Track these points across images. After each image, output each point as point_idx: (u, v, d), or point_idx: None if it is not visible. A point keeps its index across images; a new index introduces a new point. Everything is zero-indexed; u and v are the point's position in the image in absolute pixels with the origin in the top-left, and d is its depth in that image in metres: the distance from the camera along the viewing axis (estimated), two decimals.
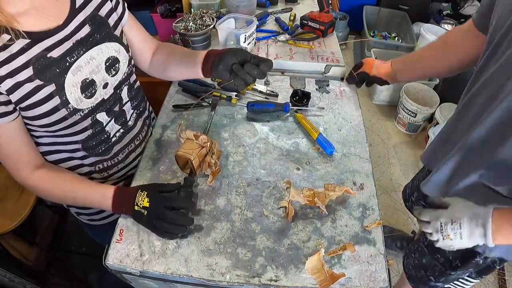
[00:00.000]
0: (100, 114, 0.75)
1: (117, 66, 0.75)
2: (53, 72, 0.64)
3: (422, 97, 2.23)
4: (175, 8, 1.75)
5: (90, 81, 0.70)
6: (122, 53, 0.76)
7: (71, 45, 0.66)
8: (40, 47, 0.62)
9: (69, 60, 0.66)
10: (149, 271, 0.70)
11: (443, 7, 2.90)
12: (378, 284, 0.69)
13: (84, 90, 0.69)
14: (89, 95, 0.70)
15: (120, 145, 0.85)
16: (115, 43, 0.74)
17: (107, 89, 0.75)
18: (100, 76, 0.72)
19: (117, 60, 0.75)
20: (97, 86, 0.72)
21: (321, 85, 1.16)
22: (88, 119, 0.73)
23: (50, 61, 0.63)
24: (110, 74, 0.74)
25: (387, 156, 2.15)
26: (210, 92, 1.08)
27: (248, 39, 1.21)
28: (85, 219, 0.96)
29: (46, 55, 0.63)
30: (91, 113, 0.73)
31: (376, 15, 2.95)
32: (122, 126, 0.82)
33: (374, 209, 0.82)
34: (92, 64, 0.69)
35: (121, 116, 0.81)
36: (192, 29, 1.26)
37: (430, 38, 2.20)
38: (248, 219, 0.78)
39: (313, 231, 0.77)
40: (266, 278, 0.69)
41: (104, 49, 0.71)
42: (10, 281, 1.14)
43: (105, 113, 0.76)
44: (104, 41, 0.71)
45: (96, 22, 0.70)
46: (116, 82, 0.77)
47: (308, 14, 1.37)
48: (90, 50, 0.69)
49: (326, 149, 0.91)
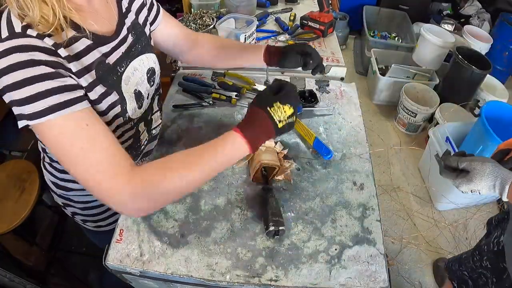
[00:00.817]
0: (141, 124, 0.75)
1: (154, 77, 0.76)
2: (112, 79, 0.61)
3: (422, 97, 2.22)
4: (175, 8, 1.75)
5: (139, 91, 0.69)
6: (157, 64, 0.76)
7: (121, 55, 0.64)
8: (100, 51, 0.59)
9: (119, 69, 0.64)
10: (149, 271, 0.70)
11: (443, 7, 2.90)
12: (378, 284, 0.69)
13: (137, 100, 0.69)
14: (140, 105, 0.70)
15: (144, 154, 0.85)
16: (153, 54, 0.74)
17: (149, 100, 0.75)
18: (144, 87, 0.71)
19: (155, 71, 0.75)
20: (144, 97, 0.71)
21: (321, 85, 1.16)
22: (134, 129, 0.72)
23: (108, 67, 0.61)
24: (150, 85, 0.74)
25: (387, 156, 2.14)
26: (210, 92, 1.08)
27: (248, 39, 1.21)
28: (91, 226, 0.93)
29: (104, 61, 0.60)
30: (137, 123, 0.72)
31: (376, 15, 2.95)
32: (148, 134, 0.82)
33: (374, 209, 0.82)
34: (136, 75, 0.68)
35: (150, 125, 0.81)
36: (192, 29, 1.26)
37: (430, 38, 2.20)
38: (248, 219, 0.78)
39: (313, 231, 0.77)
40: (266, 278, 0.69)
41: (144, 60, 0.71)
42: (10, 281, 1.14)
43: (143, 123, 0.76)
44: (145, 52, 0.71)
45: (137, 31, 0.69)
46: (152, 93, 0.77)
47: (308, 14, 1.37)
48: (133, 61, 0.68)
49: (323, 156, 0.90)
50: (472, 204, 1.84)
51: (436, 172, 1.85)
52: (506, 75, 2.59)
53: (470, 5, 2.79)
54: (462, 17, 2.82)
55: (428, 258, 1.64)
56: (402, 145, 2.23)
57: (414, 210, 1.84)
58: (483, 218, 1.80)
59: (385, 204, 1.86)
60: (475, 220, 1.79)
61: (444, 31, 2.39)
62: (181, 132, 0.98)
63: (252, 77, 1.16)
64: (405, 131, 2.29)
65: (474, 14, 2.78)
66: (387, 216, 1.81)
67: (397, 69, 2.33)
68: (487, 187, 0.66)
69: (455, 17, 2.81)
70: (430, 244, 1.68)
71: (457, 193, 1.63)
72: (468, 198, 1.73)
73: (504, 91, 2.21)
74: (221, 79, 1.14)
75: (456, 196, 1.68)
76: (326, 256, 0.73)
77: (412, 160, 2.12)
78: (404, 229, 1.76)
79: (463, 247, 1.67)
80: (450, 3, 2.89)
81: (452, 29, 2.65)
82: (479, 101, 2.16)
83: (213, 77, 1.17)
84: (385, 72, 2.39)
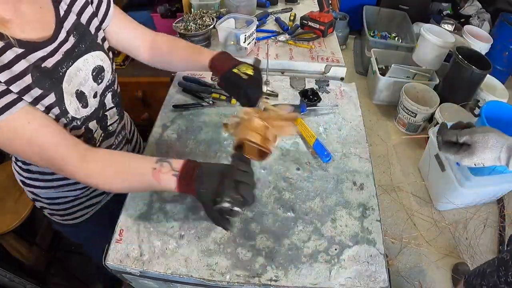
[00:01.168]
0: (91, 123, 0.76)
1: (102, 75, 0.76)
2: (50, 81, 0.63)
3: (422, 97, 2.22)
4: (175, 8, 1.75)
5: (81, 92, 0.70)
6: (106, 61, 0.77)
7: (61, 57, 0.66)
8: (34, 57, 0.61)
9: (61, 70, 0.66)
10: (149, 271, 0.70)
11: (443, 7, 2.90)
12: (378, 284, 0.69)
13: (79, 100, 0.70)
14: (84, 105, 0.71)
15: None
16: (99, 52, 0.74)
17: (97, 98, 0.76)
18: (88, 86, 0.72)
19: (103, 68, 0.76)
20: (88, 96, 0.72)
21: (321, 85, 1.16)
22: (82, 128, 0.73)
23: (45, 71, 0.62)
24: (97, 83, 0.75)
25: (387, 156, 2.14)
26: (210, 92, 1.08)
27: (248, 39, 1.20)
28: (58, 219, 0.96)
29: (41, 65, 0.62)
30: (85, 122, 0.73)
31: (376, 15, 2.95)
32: (103, 131, 0.83)
33: (374, 209, 0.82)
34: (80, 75, 0.70)
35: (103, 121, 0.82)
36: (192, 29, 1.26)
37: (430, 38, 2.20)
38: (248, 219, 0.78)
39: (313, 231, 0.77)
40: (266, 278, 0.69)
41: (90, 59, 0.72)
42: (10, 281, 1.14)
43: (95, 121, 0.77)
44: (90, 50, 0.72)
45: (79, 32, 0.70)
46: (101, 90, 0.78)
47: (308, 14, 1.37)
48: (77, 62, 0.69)
49: (322, 158, 0.91)
50: (472, 204, 1.84)
51: (436, 172, 1.85)
52: (506, 75, 2.59)
53: (470, 5, 2.79)
54: (462, 17, 2.81)
55: (428, 258, 1.64)
56: (402, 145, 2.23)
57: (414, 210, 1.84)
58: (483, 218, 1.80)
59: (385, 204, 1.86)
60: (475, 220, 1.79)
61: (444, 31, 2.39)
62: (181, 132, 0.98)
63: None
64: (405, 131, 2.29)
65: (474, 14, 2.78)
66: (387, 216, 1.81)
67: (397, 69, 2.33)
68: (491, 159, 0.62)
69: (455, 17, 2.80)
70: (430, 244, 1.68)
71: (457, 193, 1.63)
72: (468, 198, 1.73)
73: (504, 91, 2.21)
74: None
75: (456, 196, 1.68)
76: (326, 256, 0.73)
77: (412, 160, 2.12)
78: (404, 229, 1.75)
79: (463, 247, 1.67)
80: (450, 3, 2.89)
81: (452, 29, 2.64)
82: (479, 101, 2.16)
83: (213, 77, 1.17)
84: (385, 72, 2.39)
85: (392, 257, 1.65)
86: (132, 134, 1.04)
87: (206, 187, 0.60)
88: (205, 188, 0.60)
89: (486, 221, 1.79)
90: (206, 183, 0.60)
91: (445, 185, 1.69)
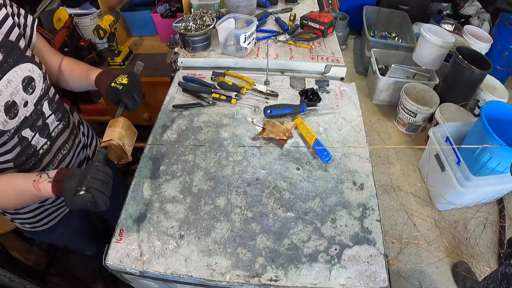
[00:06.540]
0: (24, 131, 0.78)
1: (33, 84, 0.79)
2: None
3: (422, 97, 2.23)
4: (175, 8, 1.75)
5: (11, 103, 0.73)
6: (36, 71, 0.79)
7: None
8: None
9: None
10: (149, 271, 0.70)
11: (443, 7, 2.90)
12: (378, 284, 0.69)
13: (8, 112, 0.72)
14: (12, 116, 0.74)
15: (49, 157, 0.87)
16: (28, 63, 0.77)
17: (28, 107, 0.78)
18: (19, 96, 0.75)
19: (32, 78, 0.78)
20: (18, 106, 0.75)
21: (321, 85, 1.16)
22: (15, 138, 0.75)
23: None
24: (28, 93, 0.78)
25: (387, 156, 2.15)
26: (210, 92, 1.08)
27: (248, 39, 1.20)
28: (28, 227, 0.98)
29: None
30: (17, 132, 0.76)
31: (376, 15, 2.95)
32: (47, 139, 0.85)
33: (374, 209, 0.82)
34: (10, 86, 0.72)
35: (45, 129, 0.84)
36: (192, 29, 1.25)
37: (430, 38, 2.20)
38: (248, 219, 0.78)
39: (313, 231, 0.77)
40: (266, 278, 0.69)
41: (18, 71, 0.75)
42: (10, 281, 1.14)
43: (29, 129, 0.79)
44: (18, 63, 0.75)
45: (7, 48, 0.73)
46: (36, 99, 0.80)
47: (308, 14, 1.37)
48: (7, 75, 0.72)
49: (322, 158, 0.91)
50: (472, 204, 1.84)
51: (436, 172, 1.85)
52: (506, 75, 2.59)
53: (470, 5, 2.79)
54: (462, 17, 2.82)
55: (428, 258, 1.64)
56: (402, 145, 2.23)
57: (414, 210, 1.84)
58: (483, 218, 1.80)
59: (385, 204, 1.87)
60: (475, 220, 1.79)
61: (444, 31, 2.39)
62: (181, 132, 0.98)
63: (252, 77, 1.16)
64: (405, 131, 2.29)
65: (474, 14, 2.78)
66: (387, 216, 1.81)
67: (397, 69, 2.34)
68: None
69: (455, 17, 2.81)
70: (430, 244, 1.68)
71: (457, 193, 1.63)
72: (468, 198, 1.73)
73: (504, 91, 2.21)
74: (221, 79, 1.14)
75: (456, 196, 1.68)
76: (326, 256, 0.73)
77: (412, 160, 2.12)
78: (404, 229, 1.76)
79: (463, 247, 1.68)
80: (450, 3, 2.89)
81: (452, 29, 2.65)
82: (479, 101, 2.16)
83: (213, 77, 1.17)
84: (385, 72, 2.39)
85: (392, 257, 1.65)
86: (90, 138, 1.06)
87: (69, 185, 0.69)
88: (68, 185, 0.69)
89: (486, 221, 1.79)
90: (70, 182, 0.70)
91: (445, 185, 1.69)
